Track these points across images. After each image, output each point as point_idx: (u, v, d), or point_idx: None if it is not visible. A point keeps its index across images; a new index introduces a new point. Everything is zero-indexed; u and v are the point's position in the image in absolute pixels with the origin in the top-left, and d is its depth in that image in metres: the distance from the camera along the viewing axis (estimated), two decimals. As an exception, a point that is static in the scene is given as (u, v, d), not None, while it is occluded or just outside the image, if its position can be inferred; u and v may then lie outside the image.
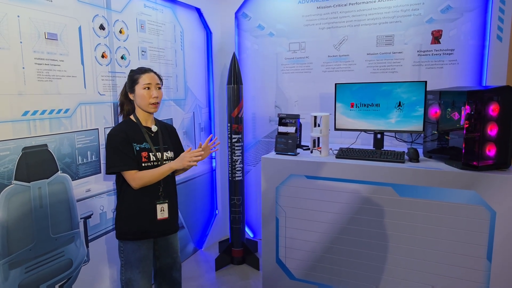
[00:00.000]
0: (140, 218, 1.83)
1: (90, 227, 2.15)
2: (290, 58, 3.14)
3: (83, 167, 2.08)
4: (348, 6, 2.86)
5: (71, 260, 2.02)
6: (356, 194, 2.25)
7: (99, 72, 2.15)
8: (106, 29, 2.19)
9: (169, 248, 1.97)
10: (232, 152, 2.98)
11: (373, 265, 2.26)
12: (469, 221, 2.00)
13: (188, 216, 3.09)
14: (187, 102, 3.02)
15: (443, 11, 2.57)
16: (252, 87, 3.32)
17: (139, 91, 1.82)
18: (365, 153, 2.34)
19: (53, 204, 1.90)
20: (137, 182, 1.76)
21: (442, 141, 2.24)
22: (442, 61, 2.62)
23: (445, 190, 2.03)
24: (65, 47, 1.94)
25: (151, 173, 1.78)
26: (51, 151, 1.88)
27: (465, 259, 2.03)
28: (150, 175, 1.77)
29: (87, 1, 2.06)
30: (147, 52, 2.55)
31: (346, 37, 2.90)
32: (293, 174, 2.41)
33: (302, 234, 2.44)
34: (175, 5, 2.82)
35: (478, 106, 1.97)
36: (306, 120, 2.95)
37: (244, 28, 3.29)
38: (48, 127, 1.87)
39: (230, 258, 3.06)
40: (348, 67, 2.92)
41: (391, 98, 2.40)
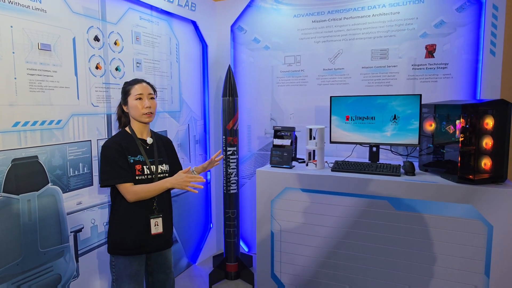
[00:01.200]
0: (133, 232, 1.78)
1: (81, 241, 2.09)
2: (285, 71, 3.14)
3: (74, 179, 2.04)
4: (343, 20, 2.88)
5: (60, 275, 1.96)
6: (352, 207, 2.22)
7: (92, 83, 2.13)
8: (100, 40, 2.18)
9: (163, 263, 1.93)
10: (227, 164, 2.95)
11: (369, 280, 2.22)
12: (466, 236, 1.98)
13: (182, 230, 3.04)
14: (182, 114, 3.00)
15: (436, 25, 2.60)
16: (248, 99, 3.32)
17: (131, 102, 1.80)
18: (360, 166, 2.33)
19: (43, 217, 1.85)
20: (132, 196, 1.72)
21: (437, 155, 2.24)
22: (436, 75, 2.63)
23: (441, 204, 2.02)
24: (58, 58, 1.92)
25: (147, 188, 1.74)
26: (42, 162, 1.85)
27: (462, 274, 2.00)
28: (146, 190, 1.73)
29: (82, 13, 2.06)
30: (142, 64, 2.54)
31: (341, 51, 2.92)
32: (289, 187, 2.38)
33: (298, 248, 2.40)
34: (171, 18, 2.83)
35: (473, 120, 1.98)
36: (302, 133, 2.94)
37: (239, 41, 3.30)
38: (39, 139, 1.83)
39: (225, 273, 2.99)
40: (343, 80, 2.93)
41: (386, 111, 2.40)
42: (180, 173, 1.75)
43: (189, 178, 1.71)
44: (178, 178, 1.73)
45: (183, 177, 1.72)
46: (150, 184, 1.75)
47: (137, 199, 1.74)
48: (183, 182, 1.71)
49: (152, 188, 1.74)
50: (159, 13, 2.69)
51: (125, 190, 1.72)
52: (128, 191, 1.72)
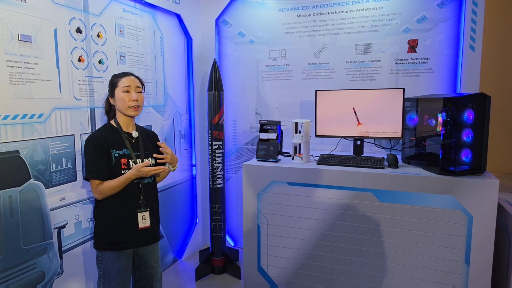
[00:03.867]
0: (120, 227, 1.77)
1: (64, 237, 2.05)
2: (270, 65, 3.15)
3: (57, 175, 1.99)
4: (327, 14, 2.90)
5: (43, 272, 1.92)
6: (337, 200, 2.26)
7: (75, 76, 2.09)
8: (83, 32, 2.13)
9: (150, 258, 1.91)
10: (213, 159, 2.94)
11: (354, 271, 2.26)
12: (447, 226, 2.04)
13: (168, 225, 3.02)
14: (167, 109, 2.97)
15: (418, 21, 2.65)
16: (233, 94, 3.31)
17: (118, 94, 1.79)
18: (345, 159, 2.36)
19: (25, 213, 1.81)
20: (98, 196, 1.75)
21: (420, 147, 2.29)
22: (418, 70, 2.69)
23: (423, 195, 2.07)
24: (39, 49, 1.87)
25: (110, 185, 1.73)
26: (23, 157, 1.80)
27: (444, 263, 2.06)
28: (110, 188, 1.73)
29: (64, 3, 2.00)
30: (126, 57, 2.49)
31: (326, 45, 2.94)
32: (275, 180, 2.40)
33: (284, 241, 2.42)
34: (155, 11, 2.78)
35: (453, 113, 2.03)
36: (287, 127, 2.96)
37: (224, 35, 3.28)
38: (20, 133, 1.78)
39: (211, 267, 3.00)
40: (328, 74, 2.96)
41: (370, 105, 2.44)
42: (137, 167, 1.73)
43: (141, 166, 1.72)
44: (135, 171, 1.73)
45: (140, 169, 1.72)
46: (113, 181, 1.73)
47: (103, 198, 1.75)
48: (143, 174, 1.74)
49: (116, 185, 1.73)
50: (142, 5, 2.65)
51: (93, 189, 1.75)
52: (94, 190, 1.74)
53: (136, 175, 1.74)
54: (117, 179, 1.74)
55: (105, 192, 1.73)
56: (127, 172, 1.75)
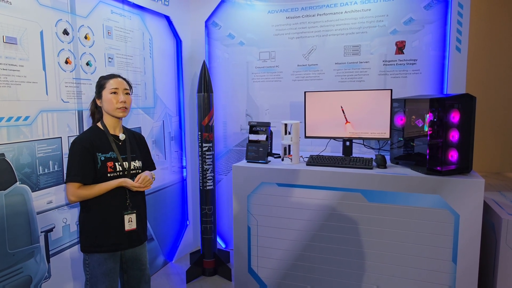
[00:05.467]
0: (106, 229, 1.76)
1: (52, 241, 2.03)
2: (260, 67, 3.16)
3: (44, 178, 1.97)
4: (316, 16, 2.92)
5: (30, 277, 1.90)
6: (326, 200, 2.27)
7: (62, 78, 2.07)
8: (70, 34, 2.12)
9: (137, 260, 1.90)
10: (203, 161, 2.93)
11: (344, 271, 2.27)
12: (434, 225, 2.06)
13: (158, 227, 3.00)
14: (156, 111, 2.96)
15: (405, 23, 2.68)
16: (223, 95, 3.31)
17: (106, 96, 1.78)
18: (334, 160, 2.38)
19: (11, 217, 1.78)
20: (74, 199, 1.71)
21: (408, 148, 2.31)
22: (406, 71, 2.72)
23: (411, 195, 2.09)
24: (25, 51, 1.85)
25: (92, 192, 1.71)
26: (9, 160, 1.78)
27: (431, 262, 2.08)
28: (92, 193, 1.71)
29: (50, 5, 1.99)
30: (114, 59, 2.48)
31: (315, 47, 2.96)
32: (265, 182, 2.40)
33: (274, 242, 2.42)
34: (143, 12, 2.77)
35: (440, 114, 2.06)
36: (277, 129, 2.96)
37: (214, 37, 3.29)
38: (6, 136, 1.76)
39: (202, 269, 2.99)
40: (317, 76, 2.98)
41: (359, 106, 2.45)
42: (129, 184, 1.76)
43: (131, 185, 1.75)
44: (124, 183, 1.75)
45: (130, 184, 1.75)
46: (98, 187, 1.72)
47: (78, 201, 1.74)
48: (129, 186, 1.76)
49: (102, 191, 1.72)
50: (131, 7, 2.64)
51: (71, 191, 1.69)
52: (73, 193, 1.69)
53: (121, 184, 1.74)
54: (104, 184, 1.72)
55: (85, 196, 1.70)
56: (114, 181, 1.74)
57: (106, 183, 1.73)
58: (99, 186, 1.71)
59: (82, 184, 1.70)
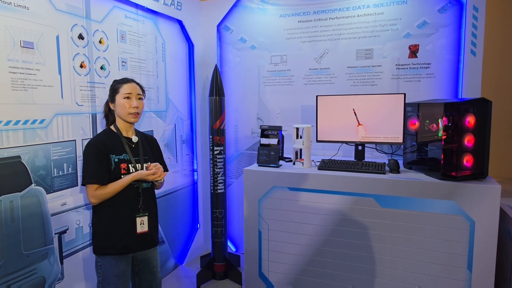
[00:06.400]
0: (118, 232, 1.77)
1: (65, 242, 2.06)
2: (272, 70, 3.16)
3: (58, 180, 2.00)
4: (328, 20, 2.91)
5: (44, 278, 1.92)
6: (338, 205, 2.25)
7: (77, 82, 2.10)
8: (85, 38, 2.15)
9: (149, 263, 1.91)
10: (214, 164, 2.94)
11: (356, 277, 2.25)
12: (449, 231, 2.02)
13: (169, 230, 3.01)
14: (168, 114, 2.98)
15: (419, 26, 2.66)
16: (234, 99, 3.32)
17: (119, 101, 1.80)
18: (346, 165, 2.36)
19: (26, 218, 1.81)
20: (94, 201, 1.74)
21: (421, 152, 2.28)
22: (419, 75, 2.69)
23: (425, 201, 2.06)
24: (41, 56, 1.89)
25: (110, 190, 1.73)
26: (25, 163, 1.81)
27: (446, 269, 2.04)
28: (109, 192, 1.73)
29: (66, 10, 2.02)
30: (128, 63, 2.51)
31: (327, 51, 2.95)
32: (276, 186, 2.39)
33: (285, 247, 2.41)
34: (156, 17, 2.80)
35: (455, 118, 2.02)
36: (288, 132, 2.96)
37: (226, 41, 3.30)
38: (22, 138, 1.79)
39: (212, 273, 2.98)
40: (329, 80, 2.96)
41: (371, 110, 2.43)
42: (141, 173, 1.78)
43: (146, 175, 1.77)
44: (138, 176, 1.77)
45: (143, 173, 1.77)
46: (114, 184, 1.74)
47: (99, 202, 1.75)
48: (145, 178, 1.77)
49: (118, 188, 1.74)
50: (144, 11, 2.67)
51: (90, 193, 1.73)
52: (92, 195, 1.72)
53: (138, 178, 1.76)
54: (118, 181, 1.74)
55: (103, 196, 1.73)
56: (129, 175, 1.76)
57: (122, 179, 1.75)
58: (115, 184, 1.74)
59: (99, 185, 1.72)
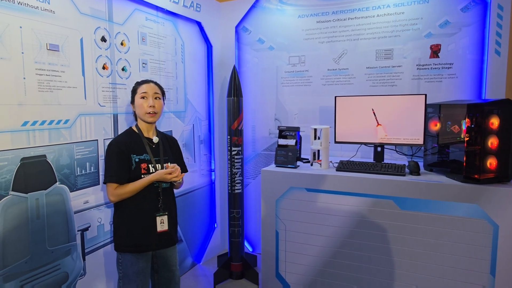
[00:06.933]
0: (139, 230, 1.81)
1: (87, 239, 2.11)
2: (290, 71, 3.16)
3: (81, 179, 2.06)
4: (347, 20, 2.89)
5: (67, 273, 1.98)
6: (356, 207, 2.23)
7: (99, 83, 2.16)
8: (107, 41, 2.20)
9: (168, 261, 1.94)
10: (232, 164, 2.96)
11: (374, 280, 2.22)
12: (471, 235, 1.98)
13: (187, 229, 3.05)
14: (187, 115, 3.02)
15: (441, 25, 2.60)
16: (252, 100, 3.33)
17: (137, 101, 1.84)
18: (365, 166, 2.33)
19: (51, 215, 1.87)
20: (114, 199, 1.78)
21: (442, 154, 2.24)
22: (441, 75, 2.63)
23: (446, 204, 2.02)
24: (66, 58, 1.94)
25: (129, 189, 1.77)
26: (50, 162, 1.87)
27: (468, 274, 2.00)
28: (129, 191, 1.77)
29: (89, 14, 2.08)
30: (148, 64, 2.56)
31: (346, 51, 2.93)
32: (293, 186, 2.39)
33: (303, 248, 2.40)
34: (176, 19, 2.85)
35: (478, 119, 1.98)
36: (306, 133, 2.95)
37: (244, 42, 3.32)
38: (47, 138, 1.85)
39: (229, 272, 3.00)
40: (348, 80, 2.94)
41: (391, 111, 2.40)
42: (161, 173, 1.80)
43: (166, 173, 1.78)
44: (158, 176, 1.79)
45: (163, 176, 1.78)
46: (134, 184, 1.78)
47: (118, 201, 1.80)
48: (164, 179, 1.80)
49: (137, 188, 1.78)
50: (164, 13, 2.71)
51: (110, 191, 1.77)
52: (112, 193, 1.77)
53: (158, 179, 1.79)
54: (138, 181, 1.78)
55: (123, 195, 1.77)
56: (149, 176, 1.79)
57: (141, 180, 1.79)
58: (135, 183, 1.78)
59: (118, 184, 1.76)
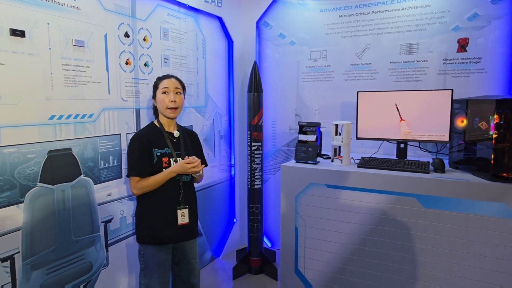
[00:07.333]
0: (160, 223, 1.84)
1: (110, 231, 2.17)
2: (311, 66, 3.12)
3: (105, 172, 2.11)
4: (371, 14, 2.83)
5: (91, 263, 2.04)
6: (378, 204, 2.19)
7: (122, 78, 2.19)
8: (130, 36, 2.24)
9: (188, 253, 1.97)
10: (252, 160, 2.96)
11: (395, 279, 2.18)
12: (498, 235, 1.91)
13: (206, 223, 3.08)
14: (208, 110, 3.04)
15: (469, 18, 2.51)
16: (273, 95, 3.32)
17: (158, 96, 1.87)
18: (388, 163, 2.29)
19: (76, 207, 1.93)
20: (137, 191, 1.82)
21: (469, 152, 2.17)
22: (468, 70, 2.54)
23: (472, 202, 1.95)
24: (91, 53, 1.99)
25: (152, 182, 1.80)
26: (75, 154, 1.92)
27: (494, 275, 1.93)
28: (151, 185, 1.80)
29: (113, 10, 2.11)
30: (170, 60, 2.58)
31: (369, 46, 2.87)
32: (313, 182, 2.37)
33: (322, 244, 2.39)
34: (197, 14, 2.86)
35: (507, 116, 1.90)
36: (327, 129, 2.91)
37: (265, 37, 3.30)
38: (73, 131, 1.91)
39: (248, 267, 3.02)
40: (370, 75, 2.88)
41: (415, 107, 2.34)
42: (181, 163, 1.82)
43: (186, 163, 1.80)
44: (179, 167, 1.81)
45: (183, 165, 1.80)
46: (155, 177, 1.81)
47: (140, 194, 1.83)
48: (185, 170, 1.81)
49: (158, 181, 1.81)
50: (186, 9, 2.73)
51: (132, 184, 1.82)
52: (134, 186, 1.81)
53: (178, 170, 1.81)
54: (160, 174, 1.81)
55: (145, 188, 1.81)
56: (170, 168, 1.82)
57: (163, 172, 1.82)
58: (156, 177, 1.81)
59: (140, 177, 1.79)
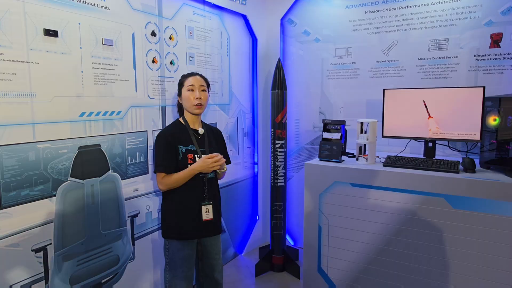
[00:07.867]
0: (185, 218, 1.87)
1: (137, 225, 2.22)
2: (336, 63, 3.08)
3: (132, 167, 2.16)
4: (398, 10, 2.76)
5: (118, 256, 2.10)
6: (404, 204, 2.14)
7: (149, 76, 2.24)
8: (157, 35, 2.28)
9: (212, 249, 2.00)
10: (275, 157, 2.96)
11: (421, 280, 2.13)
12: (533, 239, 1.83)
13: (230, 220, 3.11)
14: (231, 107, 3.06)
15: (503, 13, 2.41)
16: (297, 93, 3.30)
17: (184, 93, 1.90)
18: (415, 162, 2.23)
19: (104, 201, 1.99)
20: (163, 187, 1.87)
21: (501, 151, 2.08)
22: (502, 66, 2.44)
23: (504, 204, 1.88)
24: (119, 52, 2.04)
25: (176, 178, 1.84)
26: (104, 150, 1.98)
27: (528, 280, 1.85)
28: (175, 181, 1.84)
29: (141, 9, 2.16)
30: (195, 58, 2.62)
31: (396, 42, 2.80)
32: (338, 181, 2.34)
33: (346, 243, 2.36)
34: (222, 12, 2.88)
35: (544, 114, 1.81)
36: (352, 127, 2.87)
37: (289, 34, 3.29)
38: (102, 128, 1.96)
39: (270, 265, 3.02)
40: (398, 72, 2.82)
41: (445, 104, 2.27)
42: (203, 158, 1.85)
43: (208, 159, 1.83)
44: (201, 162, 1.83)
45: (205, 160, 1.83)
46: (178, 174, 1.84)
47: (167, 189, 1.87)
48: (207, 166, 1.83)
49: (182, 178, 1.84)
50: (211, 7, 2.75)
51: (158, 180, 1.87)
52: (160, 182, 1.86)
53: (201, 166, 1.83)
54: (183, 171, 1.85)
55: (170, 184, 1.85)
56: (195, 164, 1.85)
57: (187, 169, 1.85)
58: (180, 173, 1.85)
59: (166, 173, 1.83)
